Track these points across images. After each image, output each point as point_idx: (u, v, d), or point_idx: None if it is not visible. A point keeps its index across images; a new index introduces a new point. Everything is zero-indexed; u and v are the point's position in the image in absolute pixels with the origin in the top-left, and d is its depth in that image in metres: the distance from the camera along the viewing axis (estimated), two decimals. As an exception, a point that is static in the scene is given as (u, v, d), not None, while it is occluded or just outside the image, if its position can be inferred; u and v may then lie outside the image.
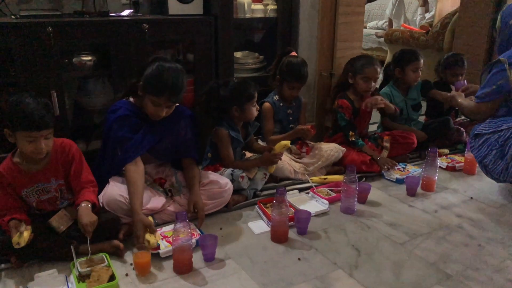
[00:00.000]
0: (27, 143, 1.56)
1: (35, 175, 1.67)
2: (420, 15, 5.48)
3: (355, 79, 2.56)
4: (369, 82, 2.52)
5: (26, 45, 2.01)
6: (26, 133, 1.54)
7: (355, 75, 2.55)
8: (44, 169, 1.68)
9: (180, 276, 1.60)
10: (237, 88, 2.18)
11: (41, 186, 1.68)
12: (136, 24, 2.25)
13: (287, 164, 2.37)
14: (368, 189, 2.21)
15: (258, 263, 1.70)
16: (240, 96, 2.17)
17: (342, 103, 2.57)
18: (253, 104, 2.21)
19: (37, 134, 1.55)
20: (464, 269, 1.68)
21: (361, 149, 2.54)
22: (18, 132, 1.55)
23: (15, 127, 1.54)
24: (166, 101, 1.83)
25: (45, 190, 1.70)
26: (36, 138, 1.55)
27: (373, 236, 1.91)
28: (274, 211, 1.81)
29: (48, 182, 1.69)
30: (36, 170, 1.67)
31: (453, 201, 2.25)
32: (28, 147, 1.56)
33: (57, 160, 1.70)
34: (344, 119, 2.55)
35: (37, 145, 1.56)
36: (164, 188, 2.02)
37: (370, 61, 2.54)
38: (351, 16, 2.91)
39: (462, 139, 2.90)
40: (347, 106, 2.56)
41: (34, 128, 1.53)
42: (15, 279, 1.57)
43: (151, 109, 1.85)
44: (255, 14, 2.79)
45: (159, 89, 1.80)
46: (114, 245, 1.69)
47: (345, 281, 1.60)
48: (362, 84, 2.54)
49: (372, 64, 2.52)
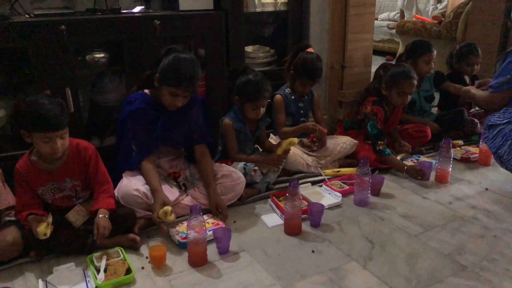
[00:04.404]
0: (43, 143, 1.58)
1: (51, 174, 1.70)
2: (432, 6, 5.40)
3: (390, 93, 2.43)
4: (405, 97, 2.40)
5: (41, 44, 2.04)
6: (42, 134, 1.57)
7: (391, 88, 2.42)
8: (60, 169, 1.71)
9: (195, 269, 1.62)
10: (247, 82, 2.15)
11: (56, 184, 1.71)
12: (147, 20, 2.26)
13: (299, 158, 2.37)
14: (381, 181, 2.20)
15: (272, 255, 1.71)
16: (244, 90, 2.15)
17: (378, 111, 2.42)
18: (255, 106, 2.14)
19: (53, 134, 1.57)
20: (479, 260, 1.67)
21: (387, 159, 2.39)
22: (34, 133, 1.58)
23: (31, 128, 1.57)
24: (183, 91, 1.85)
25: (60, 189, 1.73)
26: (51, 139, 1.58)
27: (387, 228, 1.90)
28: (287, 204, 1.81)
29: (63, 181, 1.72)
30: (52, 169, 1.70)
31: (468, 192, 2.22)
32: (45, 148, 1.59)
33: (73, 161, 1.72)
34: (376, 128, 2.40)
35: (53, 145, 1.59)
36: (178, 182, 2.04)
37: (407, 75, 2.37)
38: (362, 8, 2.88)
39: (476, 130, 2.86)
40: (381, 115, 2.43)
41: (50, 129, 1.56)
42: (34, 273, 1.60)
43: (169, 99, 1.87)
44: (266, 8, 2.79)
45: (177, 79, 1.82)
46: (130, 238, 1.72)
47: (359, 273, 1.60)
48: (397, 99, 2.42)
49: (409, 78, 2.36)
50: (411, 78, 2.37)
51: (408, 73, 2.38)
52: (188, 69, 1.83)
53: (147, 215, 1.82)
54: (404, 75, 2.37)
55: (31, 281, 1.56)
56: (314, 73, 2.43)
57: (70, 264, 1.62)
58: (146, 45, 2.28)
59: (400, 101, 2.43)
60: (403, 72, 2.39)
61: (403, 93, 2.40)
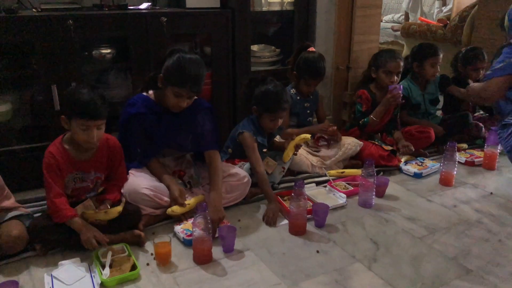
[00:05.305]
0: (81, 131, 1.61)
1: (79, 163, 1.71)
2: (437, 8, 5.39)
3: (378, 73, 2.56)
4: (391, 76, 2.52)
5: (47, 38, 2.04)
6: (81, 121, 1.60)
7: (378, 69, 2.56)
8: (89, 160, 1.73)
9: (200, 266, 1.62)
10: (267, 93, 2.09)
11: (81, 174, 1.73)
12: (154, 17, 2.26)
13: (304, 158, 2.37)
14: (386, 183, 2.19)
15: (277, 254, 1.71)
16: (263, 101, 2.10)
17: (362, 93, 2.58)
18: (273, 118, 2.11)
19: (92, 123, 1.60)
20: (484, 264, 1.67)
21: (368, 125, 2.55)
22: (74, 119, 1.61)
23: (72, 114, 1.60)
24: (188, 92, 1.84)
25: (82, 179, 1.75)
26: (89, 127, 1.61)
27: (392, 230, 1.90)
28: (293, 204, 1.81)
29: (88, 172, 1.74)
30: (81, 159, 1.72)
31: (472, 196, 2.22)
32: (82, 135, 1.62)
33: (101, 154, 1.76)
34: (359, 111, 2.57)
35: (90, 134, 1.62)
36: (183, 180, 2.03)
37: (392, 55, 2.54)
38: (368, 9, 2.89)
39: (481, 134, 2.86)
40: (366, 97, 2.56)
41: (89, 117, 1.59)
42: (40, 267, 1.60)
43: (173, 100, 1.86)
44: (272, 7, 2.79)
45: (181, 80, 1.81)
46: (135, 234, 1.72)
47: (364, 274, 1.60)
48: (384, 78, 2.54)
49: (394, 58, 2.52)
50: (396, 58, 2.53)
51: (394, 54, 2.55)
52: (192, 69, 1.81)
53: (153, 212, 1.83)
54: (389, 56, 2.54)
55: (36, 274, 1.56)
56: (317, 71, 2.43)
57: (75, 259, 1.61)
58: (153, 42, 2.28)
59: (387, 80, 2.53)
60: (388, 54, 2.56)
61: (388, 71, 2.52)
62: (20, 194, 2.02)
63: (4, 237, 1.59)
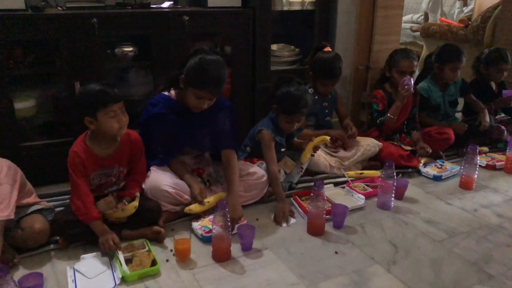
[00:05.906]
0: (110, 119, 1.65)
1: (103, 160, 1.74)
2: (458, 9, 5.30)
3: (391, 72, 2.56)
4: (404, 75, 2.50)
5: (72, 36, 2.08)
6: (107, 109, 1.63)
7: (391, 68, 2.55)
8: (113, 155, 1.76)
9: (219, 264, 1.63)
10: (287, 94, 2.08)
11: (105, 170, 1.77)
12: (176, 16, 2.28)
13: (322, 158, 2.36)
14: (405, 185, 2.17)
15: (295, 254, 1.71)
16: (283, 101, 2.09)
17: (377, 93, 2.59)
18: (289, 120, 2.10)
19: (116, 106, 1.65)
20: (506, 270, 1.64)
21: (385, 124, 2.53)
22: (99, 113, 1.64)
23: (94, 109, 1.63)
24: (208, 94, 1.83)
25: (107, 175, 1.78)
26: (116, 112, 1.65)
27: (411, 232, 1.88)
28: (311, 204, 1.81)
29: (112, 168, 1.78)
30: (104, 155, 1.75)
31: (493, 200, 2.19)
32: (113, 123, 1.66)
33: (124, 149, 1.79)
34: (376, 110, 2.57)
35: (119, 119, 1.67)
36: (202, 178, 2.05)
37: (405, 55, 2.52)
38: (390, 10, 2.86)
39: (502, 137, 2.81)
40: (381, 96, 2.57)
41: (111, 100, 1.64)
42: (62, 260, 1.64)
43: (194, 101, 1.85)
44: (293, 7, 2.79)
45: (202, 82, 1.80)
46: (155, 230, 1.74)
47: (383, 277, 1.59)
48: (397, 78, 2.52)
49: (407, 58, 2.50)
50: (409, 58, 2.51)
51: (407, 54, 2.52)
52: (214, 71, 1.79)
53: (172, 208, 1.85)
54: (402, 55, 2.51)
55: (59, 267, 1.60)
56: (332, 72, 2.41)
57: (96, 253, 1.64)
58: (174, 41, 2.30)
59: (400, 79, 2.49)
60: (402, 53, 2.53)
61: (401, 71, 2.50)
62: (42, 188, 2.07)
63: (27, 230, 1.62)
